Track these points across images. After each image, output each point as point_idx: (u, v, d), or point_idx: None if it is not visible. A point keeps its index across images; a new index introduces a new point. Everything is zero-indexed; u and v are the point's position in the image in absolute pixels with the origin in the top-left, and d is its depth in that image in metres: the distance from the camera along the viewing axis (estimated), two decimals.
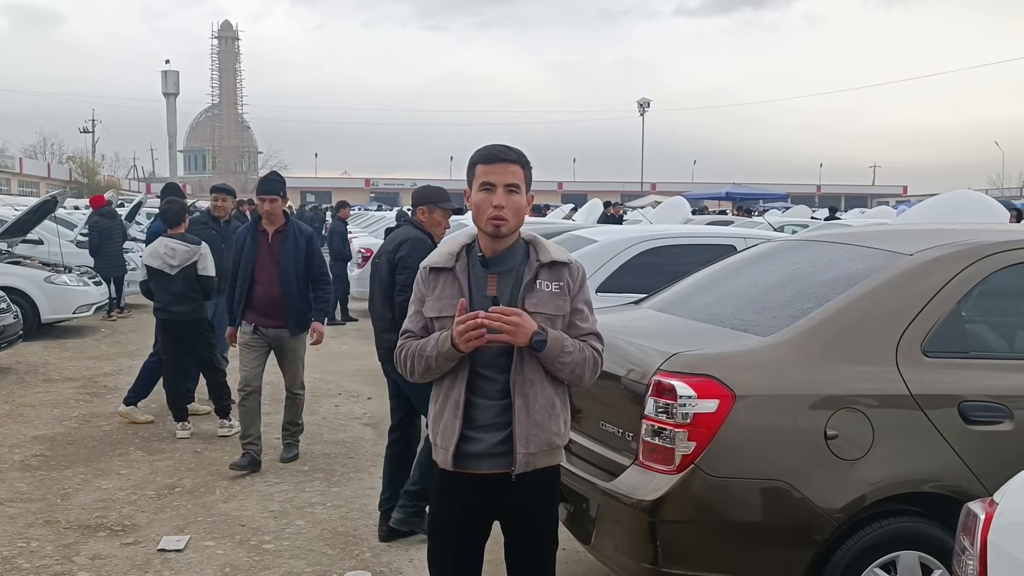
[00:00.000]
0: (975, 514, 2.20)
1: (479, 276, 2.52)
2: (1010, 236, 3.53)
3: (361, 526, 4.79)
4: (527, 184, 2.52)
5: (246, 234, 5.80)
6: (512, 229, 2.49)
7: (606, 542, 3.30)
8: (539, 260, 2.52)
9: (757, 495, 3.02)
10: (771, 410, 3.05)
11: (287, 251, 5.70)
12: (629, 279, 5.85)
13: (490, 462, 2.50)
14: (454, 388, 2.50)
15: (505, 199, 2.45)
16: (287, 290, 5.68)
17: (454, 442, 2.48)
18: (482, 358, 2.47)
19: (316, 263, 5.86)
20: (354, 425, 7.01)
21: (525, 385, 2.47)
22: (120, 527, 4.73)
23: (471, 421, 2.49)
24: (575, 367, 2.49)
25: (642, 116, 61.67)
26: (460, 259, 2.55)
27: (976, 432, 3.08)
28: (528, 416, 2.47)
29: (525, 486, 2.50)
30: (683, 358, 3.10)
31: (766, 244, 4.64)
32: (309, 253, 5.79)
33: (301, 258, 5.73)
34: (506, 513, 2.58)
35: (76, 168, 67.85)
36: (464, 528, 2.59)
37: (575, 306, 2.54)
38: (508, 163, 2.48)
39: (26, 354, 9.80)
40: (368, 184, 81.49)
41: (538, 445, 2.49)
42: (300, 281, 5.73)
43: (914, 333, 3.15)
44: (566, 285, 2.52)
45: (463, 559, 2.62)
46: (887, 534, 3.04)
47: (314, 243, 5.87)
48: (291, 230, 5.75)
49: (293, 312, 5.72)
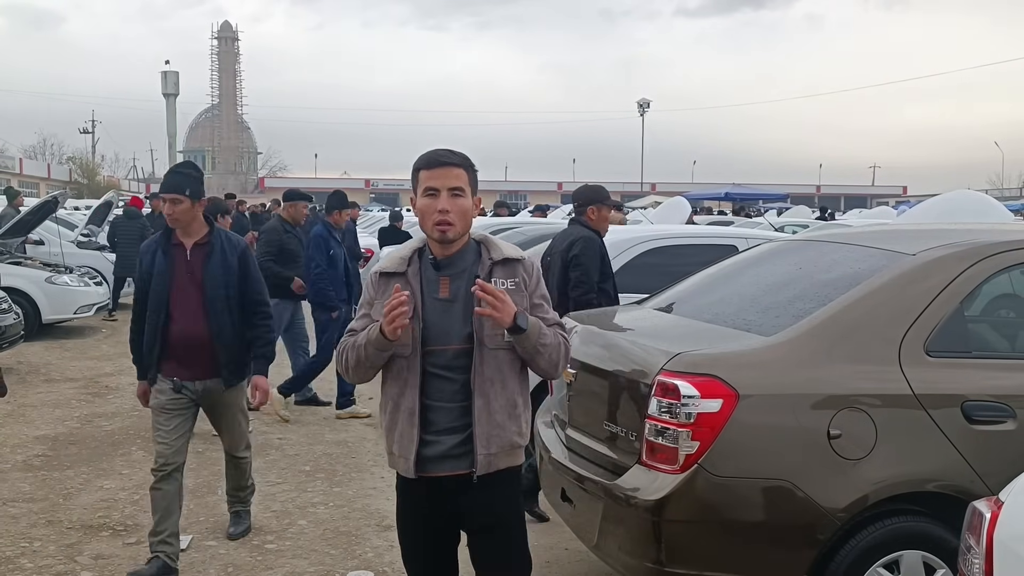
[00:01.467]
0: (981, 513, 2.21)
1: (431, 279, 2.51)
2: (1013, 236, 3.53)
3: (363, 526, 4.80)
4: (472, 187, 2.50)
5: (154, 248, 4.17)
6: (459, 233, 2.48)
7: (610, 542, 3.30)
8: (491, 258, 2.51)
9: (760, 495, 3.03)
10: (774, 410, 3.05)
11: (213, 271, 4.09)
12: (630, 279, 5.85)
13: (449, 464, 2.48)
14: (405, 396, 2.48)
15: (449, 203, 2.43)
16: (216, 325, 4.08)
17: (414, 450, 2.47)
18: (440, 360, 2.46)
19: (253, 287, 4.24)
20: (355, 425, 7.01)
21: (485, 384, 2.45)
22: (123, 527, 4.74)
23: (429, 425, 2.47)
24: (551, 352, 2.48)
25: (642, 116, 61.72)
26: (412, 263, 2.53)
27: (979, 432, 3.08)
28: (489, 416, 2.46)
29: (487, 487, 2.49)
30: (686, 358, 3.10)
31: (768, 244, 4.65)
32: (244, 274, 4.19)
33: (233, 280, 4.14)
34: (468, 515, 2.56)
35: (76, 169, 67.87)
36: (433, 532, 2.59)
37: (534, 301, 2.53)
38: (450, 167, 2.46)
39: (27, 354, 9.80)
40: (368, 184, 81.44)
41: (499, 445, 2.48)
42: (234, 312, 4.15)
43: (917, 333, 3.15)
44: (522, 281, 2.51)
45: (436, 562, 2.64)
46: (890, 533, 3.04)
47: (249, 259, 4.25)
48: (217, 242, 4.14)
49: (227, 355, 4.14)
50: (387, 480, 5.59)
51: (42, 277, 11.14)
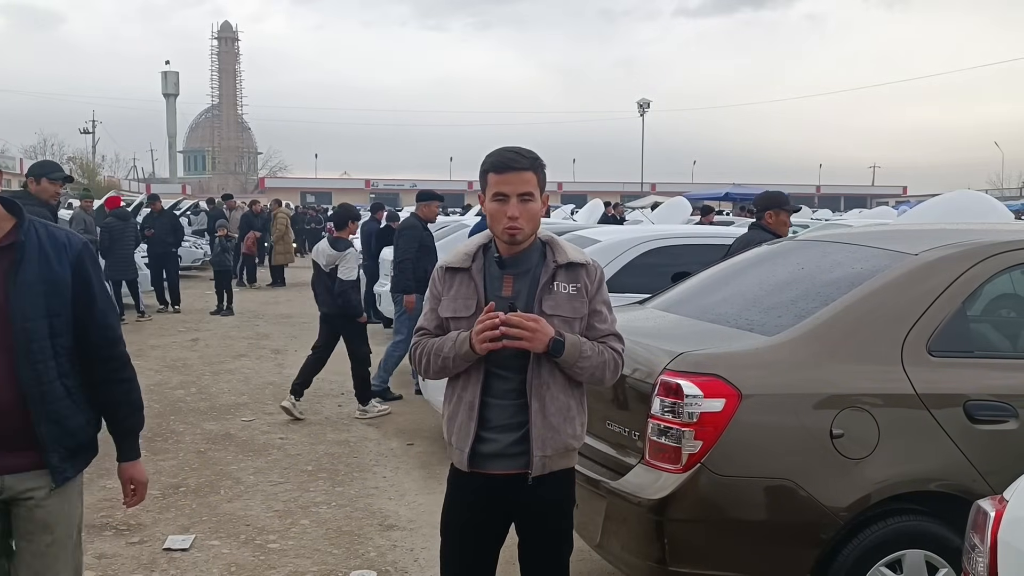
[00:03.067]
0: (985, 512, 2.21)
1: (495, 277, 2.51)
2: (1015, 236, 3.54)
3: (366, 525, 4.80)
4: (541, 188, 2.49)
5: None
6: (528, 236, 2.48)
7: (613, 541, 3.31)
8: (556, 261, 2.50)
9: (763, 494, 3.03)
10: (777, 409, 3.06)
11: (25, 287, 2.38)
12: (632, 279, 5.86)
13: (504, 462, 2.49)
14: (468, 388, 2.50)
15: (519, 208, 2.42)
16: (33, 380, 2.39)
17: (469, 443, 2.48)
18: (497, 358, 2.46)
19: (100, 310, 2.54)
20: (357, 425, 7.02)
21: (542, 388, 2.46)
22: (125, 526, 4.74)
23: (485, 422, 2.49)
24: (594, 370, 2.48)
25: (642, 116, 61.64)
26: (476, 259, 2.54)
27: (981, 431, 3.08)
28: (544, 419, 2.46)
29: (540, 488, 2.50)
30: (689, 357, 3.11)
31: (770, 244, 4.65)
32: (83, 291, 2.49)
33: (62, 302, 2.45)
34: (521, 515, 2.57)
35: (76, 169, 67.70)
36: (478, 529, 2.59)
37: (593, 307, 2.52)
38: (520, 171, 2.44)
39: None
40: (368, 185, 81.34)
41: (554, 448, 2.48)
42: (61, 354, 2.46)
43: (919, 332, 3.16)
44: (583, 286, 2.51)
45: (476, 561, 2.61)
46: (893, 533, 3.05)
47: (89, 266, 2.52)
48: (31, 242, 2.42)
49: (55, 431, 2.45)
50: (389, 480, 5.60)
51: None
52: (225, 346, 10.72)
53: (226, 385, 8.44)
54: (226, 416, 7.20)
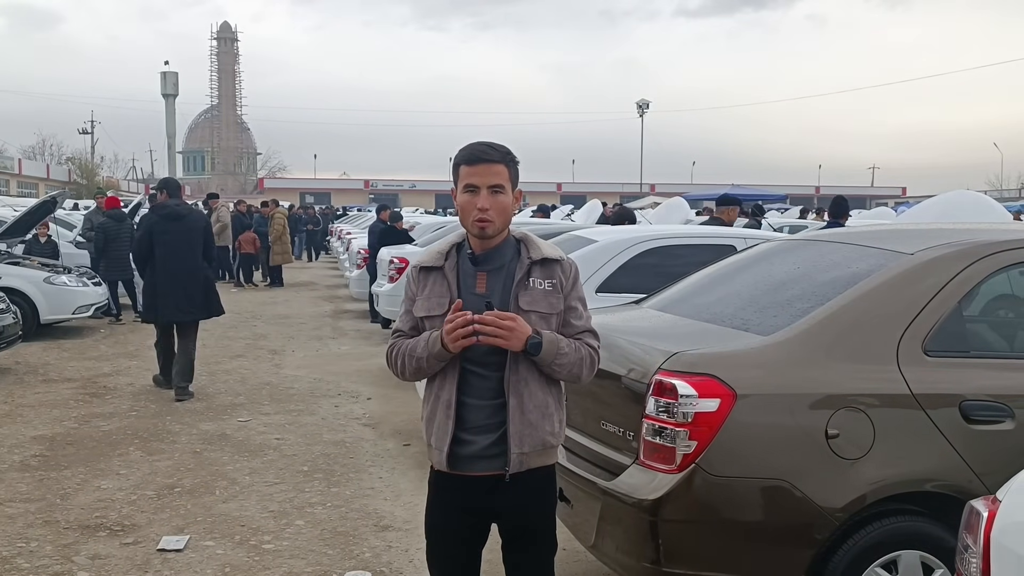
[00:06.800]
0: (978, 512, 2.20)
1: (469, 274, 2.50)
2: (1011, 236, 3.53)
3: (361, 526, 4.79)
4: (513, 182, 2.48)
5: None
6: (498, 229, 2.46)
7: (607, 541, 3.30)
8: (531, 257, 2.49)
9: (758, 494, 3.02)
10: (772, 409, 3.04)
11: None
12: (629, 279, 5.85)
13: (483, 464, 2.48)
14: (445, 388, 2.48)
15: (489, 200, 2.41)
16: None
17: (447, 443, 2.46)
18: (474, 355, 2.44)
19: None
20: (353, 425, 7.00)
21: (519, 384, 2.45)
22: (120, 527, 4.73)
23: (463, 422, 2.47)
24: (572, 367, 2.47)
25: (641, 117, 61.74)
26: (450, 258, 2.53)
27: (977, 431, 3.07)
28: (522, 416, 2.45)
29: (519, 486, 2.49)
30: (684, 357, 3.10)
31: (767, 244, 4.64)
32: None
33: None
34: (502, 515, 2.56)
35: (75, 169, 67.80)
36: (461, 530, 2.58)
37: (569, 304, 2.51)
38: (491, 163, 2.43)
39: (25, 355, 9.79)
40: (367, 185, 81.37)
41: (532, 445, 2.47)
42: None
43: (915, 332, 3.15)
44: (559, 282, 2.49)
45: (462, 561, 2.61)
46: (888, 533, 3.03)
47: None
48: None
49: None
50: (385, 480, 5.58)
51: (40, 277, 11.13)
52: (222, 346, 10.70)
53: (223, 385, 8.43)
54: (222, 416, 7.19)
